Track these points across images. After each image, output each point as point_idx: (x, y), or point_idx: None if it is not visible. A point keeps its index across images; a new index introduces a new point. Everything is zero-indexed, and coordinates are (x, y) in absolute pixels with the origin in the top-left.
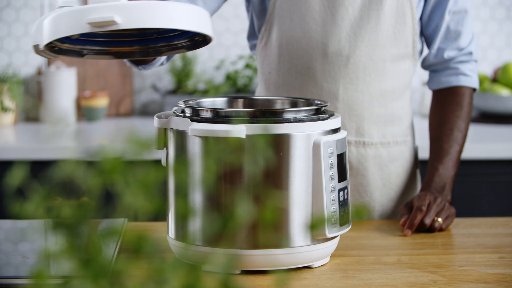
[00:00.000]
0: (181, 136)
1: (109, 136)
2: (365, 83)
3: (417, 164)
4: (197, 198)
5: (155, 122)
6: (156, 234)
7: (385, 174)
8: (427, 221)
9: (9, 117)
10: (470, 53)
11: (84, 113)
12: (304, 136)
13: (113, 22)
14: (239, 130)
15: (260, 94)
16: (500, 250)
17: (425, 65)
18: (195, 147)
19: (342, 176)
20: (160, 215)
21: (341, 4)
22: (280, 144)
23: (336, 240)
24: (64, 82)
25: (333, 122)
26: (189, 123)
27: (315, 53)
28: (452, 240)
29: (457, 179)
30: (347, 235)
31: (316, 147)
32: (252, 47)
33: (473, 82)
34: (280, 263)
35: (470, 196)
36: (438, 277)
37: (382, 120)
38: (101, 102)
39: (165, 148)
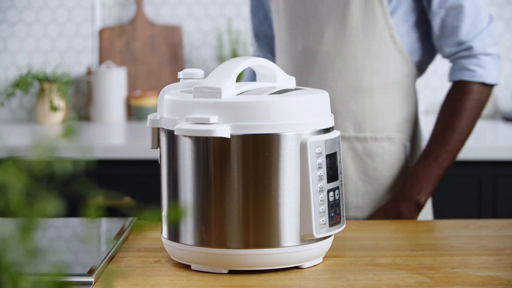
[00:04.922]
0: (171, 136)
1: None
2: (333, 79)
3: (407, 161)
4: (188, 198)
5: (148, 122)
6: (152, 233)
7: (360, 167)
8: None
9: (58, 116)
10: (470, 48)
11: (134, 112)
12: (293, 136)
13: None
14: (224, 130)
15: None
16: (499, 253)
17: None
18: (184, 146)
19: (332, 177)
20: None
21: (312, 2)
22: (268, 143)
23: (329, 241)
24: (114, 81)
25: (323, 122)
26: (176, 123)
27: (290, 48)
28: (455, 242)
29: (496, 180)
30: (350, 236)
31: (303, 147)
32: None
33: (477, 77)
34: (268, 263)
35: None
36: (426, 279)
37: (358, 115)
38: (151, 101)
39: (159, 148)
